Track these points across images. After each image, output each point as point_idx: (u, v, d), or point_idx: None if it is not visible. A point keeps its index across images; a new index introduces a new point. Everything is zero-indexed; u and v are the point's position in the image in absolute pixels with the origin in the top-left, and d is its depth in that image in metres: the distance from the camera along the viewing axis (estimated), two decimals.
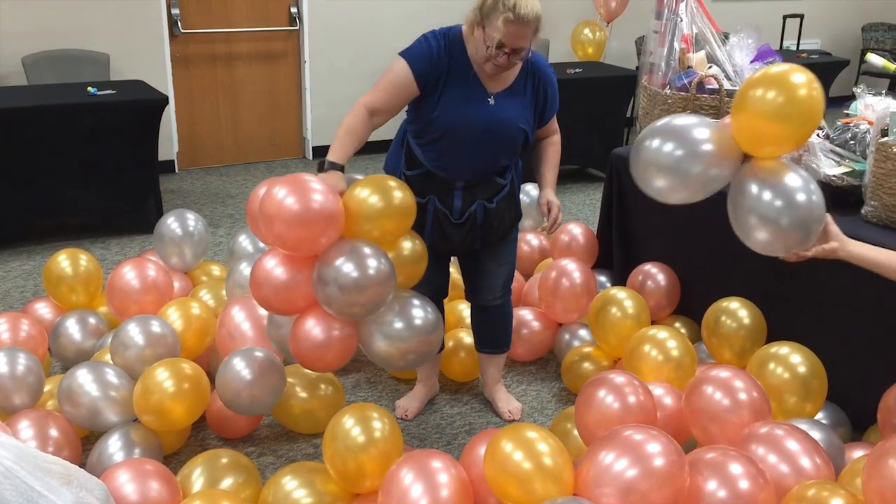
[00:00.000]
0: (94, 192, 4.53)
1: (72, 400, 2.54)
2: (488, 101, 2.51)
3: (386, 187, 2.43)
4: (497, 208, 2.67)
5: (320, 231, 2.26)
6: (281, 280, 2.34)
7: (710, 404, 2.31)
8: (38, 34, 5.14)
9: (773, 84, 2.00)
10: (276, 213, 2.23)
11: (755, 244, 2.12)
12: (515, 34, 2.33)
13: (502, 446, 2.02)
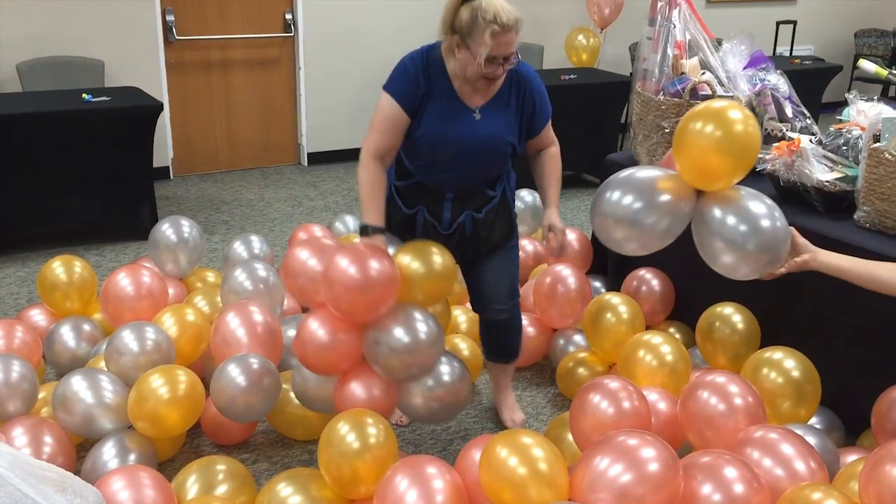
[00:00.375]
0: (89, 199, 4.52)
1: (66, 407, 2.54)
2: (473, 116, 2.51)
3: (426, 252, 2.53)
4: (486, 219, 2.66)
5: (381, 298, 2.37)
6: (324, 341, 2.44)
7: (705, 409, 2.31)
8: (32, 41, 5.14)
9: (713, 119, 2.10)
10: (338, 280, 2.33)
11: (722, 269, 2.18)
12: (504, 43, 2.33)
13: (497, 452, 2.02)
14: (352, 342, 2.47)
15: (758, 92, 3.33)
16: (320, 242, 2.61)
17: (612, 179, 2.25)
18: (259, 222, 5.11)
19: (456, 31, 2.38)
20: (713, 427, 2.29)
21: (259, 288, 3.08)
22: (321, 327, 2.45)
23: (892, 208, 2.65)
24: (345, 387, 2.51)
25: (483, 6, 2.31)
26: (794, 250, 2.16)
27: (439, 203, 2.63)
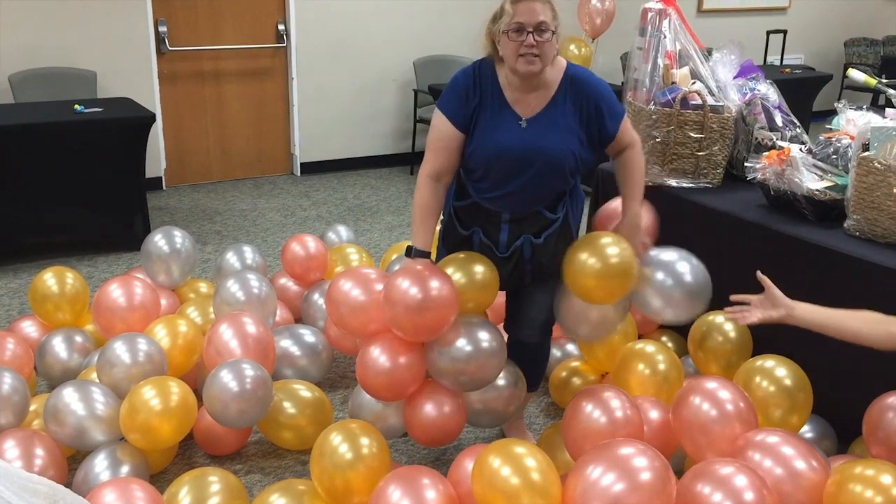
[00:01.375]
0: (81, 210, 4.52)
1: (58, 419, 2.53)
2: (519, 124, 2.41)
3: (469, 262, 2.54)
4: (545, 244, 2.54)
5: (442, 318, 2.40)
6: (387, 367, 2.48)
7: (697, 415, 2.32)
8: (24, 52, 5.14)
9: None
10: (400, 300, 2.36)
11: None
12: (526, 9, 2.26)
13: (490, 462, 2.02)
14: (415, 365, 2.51)
15: (748, 101, 3.35)
16: (361, 273, 2.60)
17: None
18: (252, 232, 5.10)
19: (491, 23, 2.36)
20: (706, 433, 2.30)
21: (251, 299, 3.07)
22: (383, 353, 2.48)
23: (882, 217, 2.66)
24: (416, 407, 2.56)
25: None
26: (769, 303, 2.15)
27: (496, 225, 2.54)
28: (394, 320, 2.41)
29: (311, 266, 3.61)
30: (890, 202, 2.63)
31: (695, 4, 7.65)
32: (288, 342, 3.11)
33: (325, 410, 2.87)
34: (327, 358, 3.19)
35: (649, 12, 3.35)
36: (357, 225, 5.25)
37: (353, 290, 2.54)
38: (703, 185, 3.33)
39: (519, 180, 2.43)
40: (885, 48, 8.66)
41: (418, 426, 2.58)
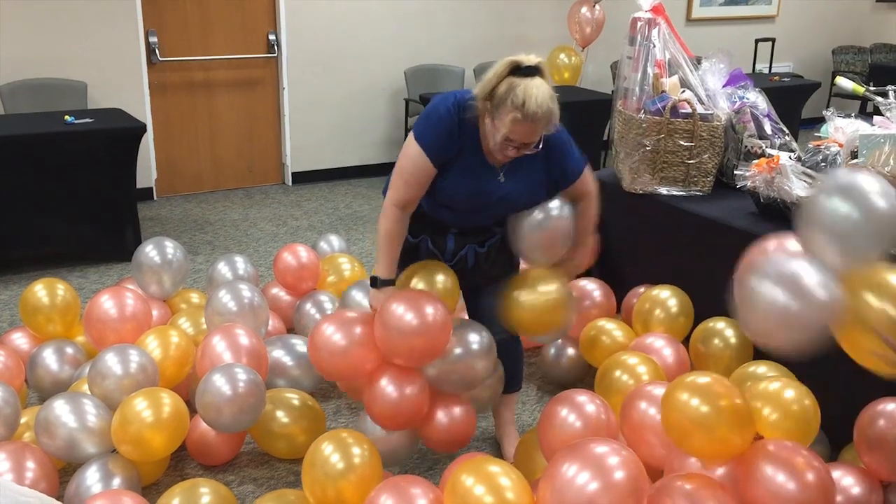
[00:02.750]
0: (71, 221, 4.50)
1: (49, 431, 2.52)
2: (498, 178, 2.45)
3: (431, 271, 2.62)
4: (488, 253, 2.64)
5: (439, 342, 2.47)
6: (395, 398, 2.51)
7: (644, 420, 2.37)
8: (14, 63, 5.13)
9: None
10: (397, 326, 2.41)
11: None
12: (524, 132, 2.25)
13: (462, 480, 2.01)
14: (422, 395, 2.56)
15: (737, 109, 3.37)
16: (344, 316, 2.61)
17: None
18: (243, 242, 5.10)
19: (490, 98, 2.28)
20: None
21: (243, 309, 3.07)
22: (390, 384, 2.52)
23: None
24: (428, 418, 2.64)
25: (517, 89, 2.21)
26: None
27: (443, 235, 2.61)
28: (390, 347, 2.46)
29: (303, 276, 3.61)
30: None
31: (684, 13, 7.70)
32: (280, 352, 3.10)
33: (317, 419, 2.87)
34: None
35: (638, 21, 3.38)
36: (349, 234, 5.25)
37: (334, 336, 2.54)
38: (693, 193, 3.35)
39: (482, 216, 2.56)
40: (872, 56, 8.73)
41: (429, 436, 2.66)
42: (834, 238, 1.92)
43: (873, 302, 1.85)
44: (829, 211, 1.91)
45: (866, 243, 1.91)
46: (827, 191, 1.95)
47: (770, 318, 1.93)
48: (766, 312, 1.93)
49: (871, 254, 1.92)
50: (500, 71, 2.27)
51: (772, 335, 1.98)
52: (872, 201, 1.87)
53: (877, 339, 1.85)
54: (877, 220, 1.88)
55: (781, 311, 1.90)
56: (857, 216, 1.88)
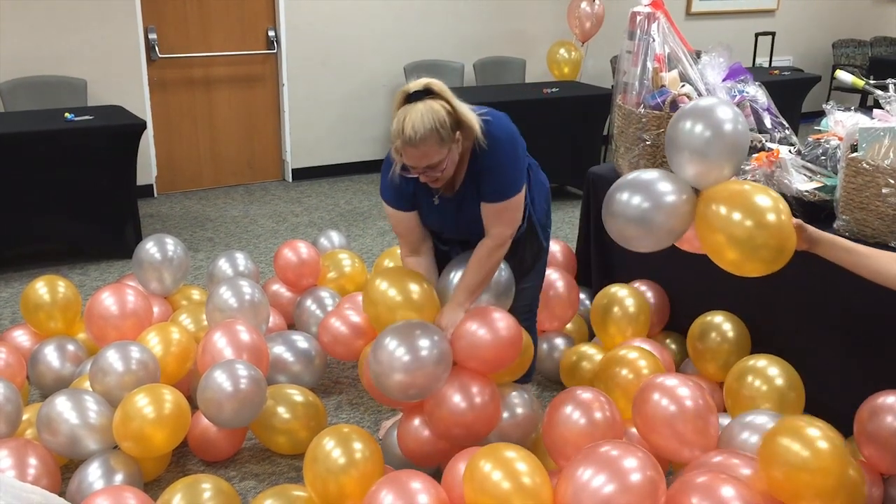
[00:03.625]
0: (72, 218, 4.51)
1: (51, 428, 2.53)
2: (433, 201, 2.49)
3: (404, 279, 2.55)
4: (514, 249, 2.57)
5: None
6: (427, 438, 2.51)
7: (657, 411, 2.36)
8: (14, 61, 5.13)
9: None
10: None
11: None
12: (412, 156, 2.26)
13: (481, 466, 2.02)
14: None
15: (737, 103, 3.37)
16: None
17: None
18: (244, 239, 5.10)
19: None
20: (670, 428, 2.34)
21: (244, 305, 3.07)
22: (420, 426, 2.53)
23: (871, 217, 2.68)
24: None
25: (398, 117, 2.24)
26: (801, 239, 2.18)
27: (468, 244, 2.61)
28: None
29: (304, 272, 3.62)
30: (878, 202, 2.64)
31: (683, 7, 7.69)
32: (281, 348, 3.11)
33: (319, 415, 2.88)
34: (321, 364, 3.19)
35: (638, 16, 3.37)
36: (349, 230, 5.25)
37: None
38: None
39: (472, 235, 2.54)
40: (872, 49, 8.72)
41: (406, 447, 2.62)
42: (691, 154, 2.23)
43: (722, 210, 2.16)
44: (686, 131, 2.24)
45: (717, 159, 2.22)
46: (685, 115, 2.26)
47: (629, 219, 2.25)
48: (625, 215, 2.26)
49: (723, 170, 2.24)
50: (395, 104, 2.29)
51: (631, 235, 2.28)
52: (722, 124, 2.21)
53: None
54: (725, 139, 2.20)
55: (637, 212, 2.23)
56: (708, 135, 2.21)
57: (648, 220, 2.23)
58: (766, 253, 2.12)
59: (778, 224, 2.11)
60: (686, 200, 2.25)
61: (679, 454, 2.36)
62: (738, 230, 2.13)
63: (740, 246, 2.14)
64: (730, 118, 2.23)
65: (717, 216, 2.17)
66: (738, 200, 2.16)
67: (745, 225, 2.12)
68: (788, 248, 2.14)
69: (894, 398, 2.30)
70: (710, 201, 2.21)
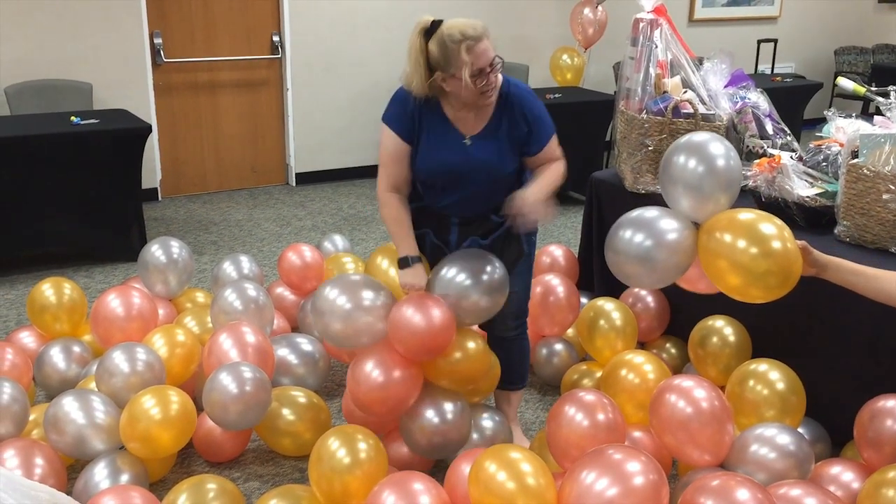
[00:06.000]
0: (77, 221, 4.53)
1: (58, 428, 2.55)
2: (464, 143, 2.52)
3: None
4: (492, 246, 2.64)
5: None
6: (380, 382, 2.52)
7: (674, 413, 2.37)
8: (20, 64, 5.16)
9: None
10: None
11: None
12: (481, 52, 2.36)
13: (486, 466, 2.04)
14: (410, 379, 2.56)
15: (739, 110, 3.39)
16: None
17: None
18: (248, 242, 5.13)
19: (433, 67, 2.41)
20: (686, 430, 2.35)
21: (249, 308, 3.10)
22: (377, 368, 2.54)
23: (872, 223, 2.70)
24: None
25: (446, 31, 2.36)
26: (807, 263, 2.16)
27: (446, 227, 2.65)
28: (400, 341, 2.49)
29: (308, 275, 3.64)
30: (879, 208, 2.67)
31: (686, 14, 7.72)
32: (285, 351, 3.13)
33: (323, 417, 2.89)
34: (324, 366, 3.21)
35: (640, 22, 3.40)
36: (352, 234, 5.28)
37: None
38: None
39: (465, 190, 2.57)
40: (874, 56, 8.74)
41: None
42: (686, 188, 2.25)
43: (726, 238, 2.15)
44: (681, 166, 2.26)
45: (711, 192, 2.23)
46: (679, 150, 2.28)
47: (631, 257, 2.25)
48: (627, 253, 2.26)
49: (718, 202, 2.24)
50: (417, 45, 2.43)
51: (634, 274, 2.29)
52: (714, 159, 2.23)
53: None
54: (718, 174, 2.22)
55: (640, 250, 2.23)
56: (702, 170, 2.23)
57: (651, 258, 2.24)
58: (771, 280, 2.11)
59: (784, 251, 2.10)
60: (688, 236, 2.25)
61: (692, 457, 2.38)
62: (742, 257, 2.12)
63: (744, 272, 2.12)
64: (722, 153, 2.25)
65: (720, 244, 2.17)
66: (742, 228, 2.15)
67: (749, 252, 2.10)
68: (794, 275, 2.12)
69: (893, 402, 2.32)
70: (713, 230, 2.21)
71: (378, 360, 2.51)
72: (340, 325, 2.51)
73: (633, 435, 2.61)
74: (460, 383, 2.62)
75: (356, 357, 2.59)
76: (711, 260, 2.21)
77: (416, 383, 2.54)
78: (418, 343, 2.44)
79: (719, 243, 2.16)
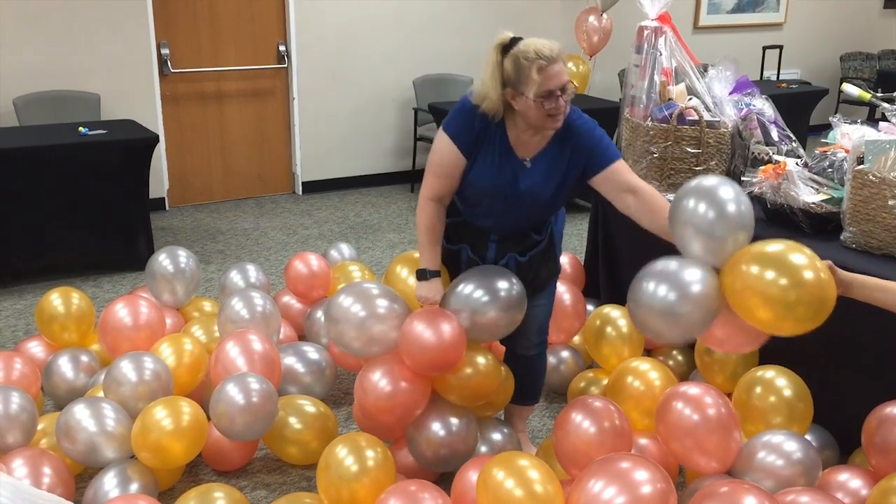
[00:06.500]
0: (85, 231, 4.55)
1: (69, 436, 2.55)
2: (524, 165, 2.47)
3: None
4: (530, 262, 2.61)
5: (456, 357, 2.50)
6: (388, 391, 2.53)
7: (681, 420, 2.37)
8: (29, 75, 5.20)
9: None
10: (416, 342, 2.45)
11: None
12: (553, 75, 2.31)
13: (494, 474, 2.05)
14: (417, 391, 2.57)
15: (744, 116, 3.40)
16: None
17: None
18: (255, 251, 5.14)
19: (506, 83, 2.35)
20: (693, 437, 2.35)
21: (255, 316, 3.10)
22: (384, 377, 2.55)
23: (877, 229, 2.70)
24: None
25: (521, 49, 2.32)
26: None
27: (484, 243, 2.62)
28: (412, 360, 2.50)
29: (314, 284, 3.65)
30: (885, 214, 2.66)
31: (691, 21, 7.72)
32: (292, 359, 3.13)
33: (330, 426, 2.90)
34: (331, 375, 3.22)
35: (645, 30, 3.41)
36: (359, 243, 5.29)
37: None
38: None
39: (512, 212, 2.53)
40: (880, 62, 8.73)
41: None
42: (698, 232, 2.12)
43: (754, 270, 2.01)
44: (691, 210, 2.13)
45: (723, 236, 2.10)
46: (688, 194, 2.16)
47: (654, 311, 2.12)
48: (650, 307, 2.12)
49: (730, 245, 2.10)
50: (494, 59, 2.36)
51: (658, 328, 2.14)
52: (725, 204, 2.10)
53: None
54: (729, 218, 2.09)
55: (664, 304, 2.09)
56: (712, 215, 2.10)
57: (676, 312, 2.08)
58: (803, 311, 1.98)
59: (817, 281, 1.98)
60: (712, 285, 2.10)
61: (699, 464, 2.38)
62: (773, 290, 1.97)
63: (775, 304, 1.98)
64: (732, 198, 2.12)
65: (748, 276, 2.02)
66: (772, 261, 2.02)
67: (779, 284, 1.97)
68: (829, 305, 1.99)
69: None
70: (739, 264, 2.06)
71: (386, 369, 2.51)
72: (354, 333, 2.51)
73: (640, 442, 2.60)
74: (470, 399, 2.62)
75: (365, 366, 2.59)
76: (739, 298, 2.06)
77: (423, 394, 2.54)
78: (427, 359, 2.44)
79: (747, 276, 2.02)
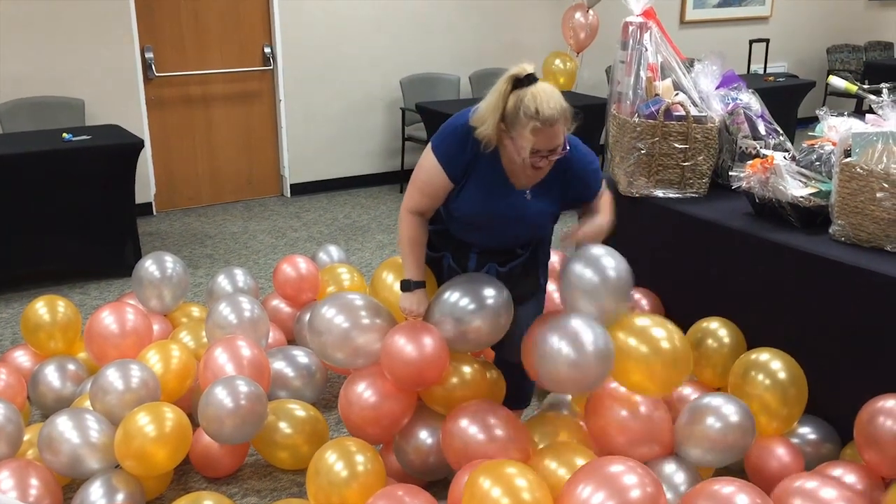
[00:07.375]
0: (71, 237, 4.52)
1: (52, 448, 2.53)
2: (524, 196, 2.43)
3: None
4: (510, 274, 2.59)
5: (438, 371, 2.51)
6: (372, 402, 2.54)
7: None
8: (12, 82, 5.16)
9: None
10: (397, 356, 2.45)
11: None
12: (547, 137, 2.22)
13: (480, 483, 2.02)
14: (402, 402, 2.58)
15: (730, 111, 3.39)
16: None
17: None
18: (243, 255, 5.11)
19: (504, 118, 2.26)
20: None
21: (244, 321, 3.08)
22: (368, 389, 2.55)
23: (866, 221, 2.69)
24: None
25: (526, 100, 2.19)
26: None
27: (465, 253, 2.60)
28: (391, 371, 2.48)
29: (303, 287, 3.62)
30: (873, 207, 2.66)
31: (677, 16, 7.73)
32: (281, 364, 3.11)
33: (320, 430, 2.88)
34: (321, 378, 3.20)
35: (630, 26, 3.40)
36: (348, 244, 5.27)
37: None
38: (689, 195, 3.36)
39: (500, 233, 2.52)
40: (867, 54, 8.76)
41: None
42: (585, 295, 2.45)
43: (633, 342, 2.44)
44: (578, 275, 2.45)
45: (607, 299, 2.44)
46: (577, 260, 2.47)
47: (559, 366, 2.36)
48: (555, 363, 2.36)
49: (614, 307, 2.46)
50: (502, 89, 2.25)
51: (561, 382, 2.42)
52: (607, 270, 2.43)
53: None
54: (611, 283, 2.43)
55: (567, 361, 2.34)
56: (596, 281, 2.43)
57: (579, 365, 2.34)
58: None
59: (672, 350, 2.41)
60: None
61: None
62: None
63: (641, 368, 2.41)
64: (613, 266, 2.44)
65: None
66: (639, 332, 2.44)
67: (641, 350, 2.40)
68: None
69: (894, 402, 2.31)
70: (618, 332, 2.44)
71: (371, 381, 2.50)
72: (337, 345, 2.50)
73: None
74: None
75: (349, 377, 2.58)
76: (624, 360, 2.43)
77: (409, 404, 2.53)
78: (408, 375, 2.43)
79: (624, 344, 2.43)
